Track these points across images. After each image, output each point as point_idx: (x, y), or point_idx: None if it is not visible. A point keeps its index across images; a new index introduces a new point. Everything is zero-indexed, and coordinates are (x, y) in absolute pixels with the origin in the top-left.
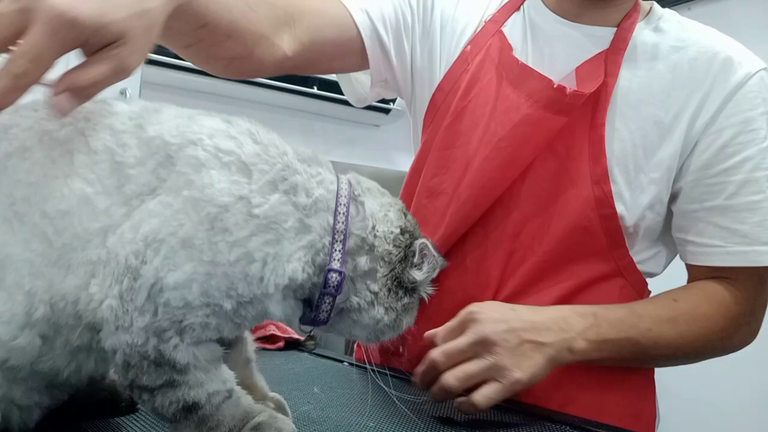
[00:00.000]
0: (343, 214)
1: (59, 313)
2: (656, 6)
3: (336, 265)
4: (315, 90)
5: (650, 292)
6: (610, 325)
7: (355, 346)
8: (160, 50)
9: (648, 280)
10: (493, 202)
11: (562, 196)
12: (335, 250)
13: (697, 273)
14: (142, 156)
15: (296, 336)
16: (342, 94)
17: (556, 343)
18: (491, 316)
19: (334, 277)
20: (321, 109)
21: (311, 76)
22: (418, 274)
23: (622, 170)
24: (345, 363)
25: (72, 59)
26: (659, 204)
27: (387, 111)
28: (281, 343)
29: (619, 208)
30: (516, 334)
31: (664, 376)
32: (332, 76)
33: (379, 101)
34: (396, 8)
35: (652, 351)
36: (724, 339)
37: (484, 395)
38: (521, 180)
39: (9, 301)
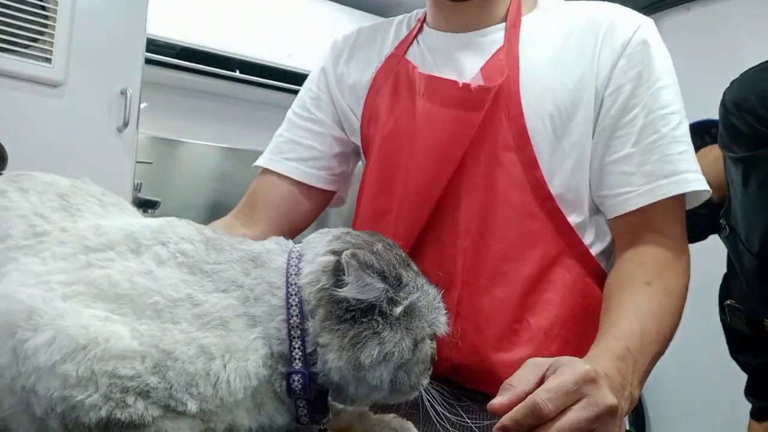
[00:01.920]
0: (296, 305)
1: (9, 408)
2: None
3: (298, 365)
4: None
5: None
6: (640, 351)
7: None
8: (159, 50)
9: None
10: (437, 204)
11: (499, 187)
12: (294, 348)
13: (621, 229)
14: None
15: None
16: None
17: (624, 405)
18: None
19: (297, 380)
20: None
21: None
22: (348, 290)
23: (548, 146)
24: None
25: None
26: (581, 168)
27: None
28: None
29: (554, 186)
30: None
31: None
32: None
33: None
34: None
35: (663, 350)
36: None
37: None
38: (459, 178)
39: None
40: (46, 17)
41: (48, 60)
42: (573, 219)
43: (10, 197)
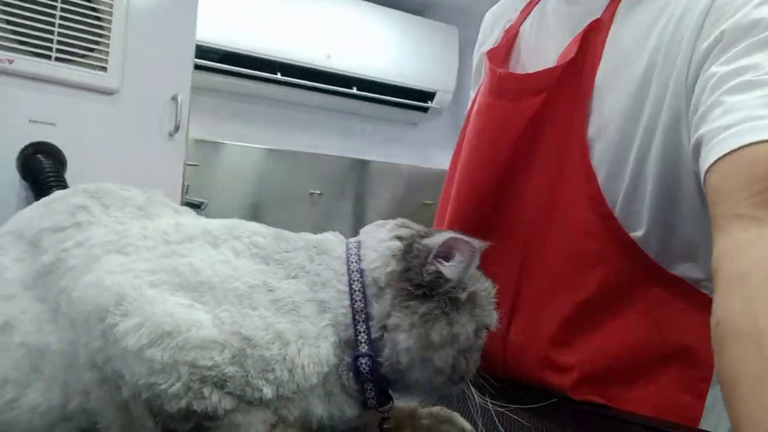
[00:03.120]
0: (359, 291)
1: (97, 400)
2: None
3: (364, 348)
4: (354, 90)
5: None
6: None
7: None
8: (202, 55)
9: None
10: (501, 205)
11: (560, 199)
12: (360, 332)
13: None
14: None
15: None
16: (380, 93)
17: None
18: None
19: (364, 363)
20: (360, 109)
21: (351, 76)
22: (451, 269)
23: (609, 157)
24: None
25: None
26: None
27: (425, 109)
28: None
29: (613, 200)
30: None
31: None
32: (372, 76)
33: (416, 99)
34: None
35: None
36: None
37: None
38: (525, 182)
39: (46, 392)
40: (101, 28)
41: (104, 69)
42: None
43: (93, 212)
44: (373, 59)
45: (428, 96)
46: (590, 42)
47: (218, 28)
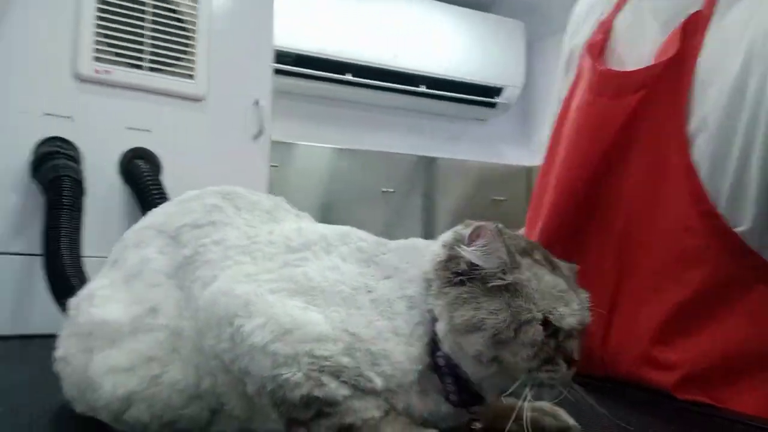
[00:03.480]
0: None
1: (222, 384)
2: None
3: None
4: (423, 89)
5: None
6: None
7: None
8: (279, 59)
9: None
10: (597, 202)
11: (659, 193)
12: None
13: None
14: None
15: None
16: (448, 90)
17: None
18: None
19: (441, 356)
20: (428, 107)
21: (418, 74)
22: (472, 252)
23: (711, 152)
24: None
25: None
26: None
27: (493, 105)
28: None
29: (713, 195)
30: None
31: None
32: (439, 74)
33: (484, 95)
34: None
35: None
36: None
37: None
38: (622, 178)
39: (183, 371)
40: (187, 38)
41: (191, 77)
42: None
43: (227, 212)
44: (439, 57)
45: (495, 91)
46: (690, 35)
47: (291, 32)
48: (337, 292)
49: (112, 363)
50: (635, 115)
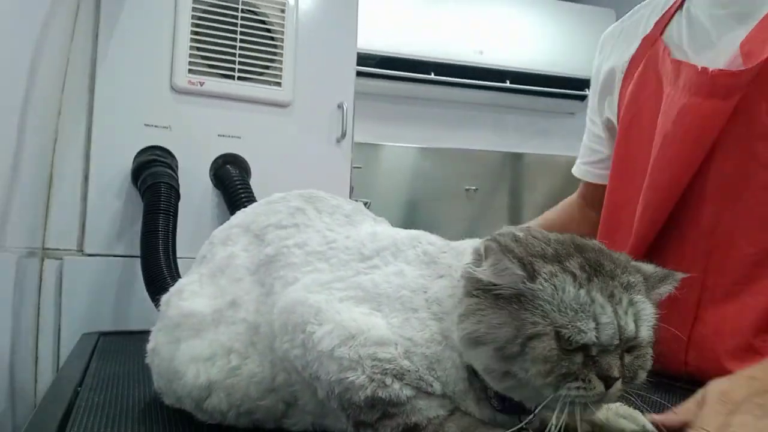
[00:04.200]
0: None
1: (296, 382)
2: None
3: None
4: (507, 84)
5: None
6: None
7: None
8: (362, 62)
9: None
10: (680, 200)
11: (752, 183)
12: None
13: None
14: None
15: None
16: (534, 85)
17: None
18: None
19: None
20: (514, 102)
21: (503, 70)
22: (483, 271)
23: None
24: None
25: None
26: None
27: (582, 98)
28: None
29: None
30: None
31: None
32: (525, 68)
33: (572, 87)
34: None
35: None
36: None
37: None
38: (706, 172)
39: (260, 364)
40: (274, 47)
41: (278, 84)
42: None
43: (309, 215)
44: (525, 51)
45: (585, 84)
46: None
47: (373, 34)
48: (398, 297)
49: (195, 352)
50: (734, 111)
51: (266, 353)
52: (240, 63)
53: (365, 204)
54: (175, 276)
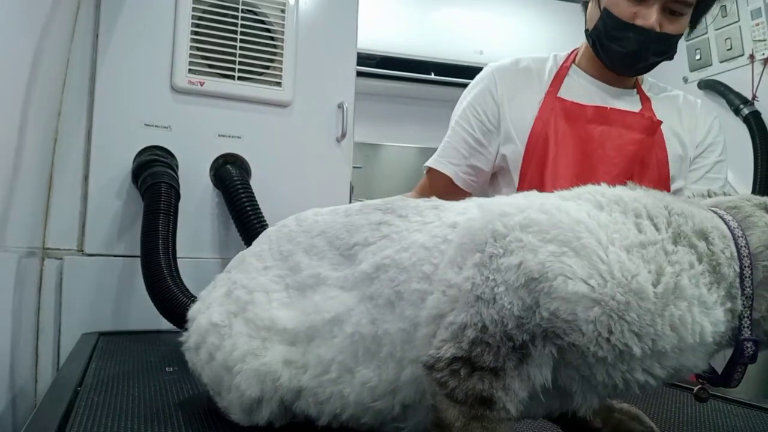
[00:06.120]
0: (749, 277)
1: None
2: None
3: (747, 333)
4: None
5: None
6: None
7: None
8: (362, 62)
9: None
10: None
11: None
12: (744, 317)
13: None
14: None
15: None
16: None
17: None
18: None
19: (749, 347)
20: None
21: None
22: None
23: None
24: None
25: None
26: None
27: None
28: None
29: None
30: None
31: None
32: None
33: None
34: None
35: None
36: None
37: None
38: None
39: (378, 369)
40: (274, 47)
41: (278, 84)
42: None
43: (394, 224)
44: (526, 51)
45: None
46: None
47: (373, 34)
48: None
49: (289, 357)
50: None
51: (394, 353)
52: (240, 63)
53: None
54: (176, 276)
